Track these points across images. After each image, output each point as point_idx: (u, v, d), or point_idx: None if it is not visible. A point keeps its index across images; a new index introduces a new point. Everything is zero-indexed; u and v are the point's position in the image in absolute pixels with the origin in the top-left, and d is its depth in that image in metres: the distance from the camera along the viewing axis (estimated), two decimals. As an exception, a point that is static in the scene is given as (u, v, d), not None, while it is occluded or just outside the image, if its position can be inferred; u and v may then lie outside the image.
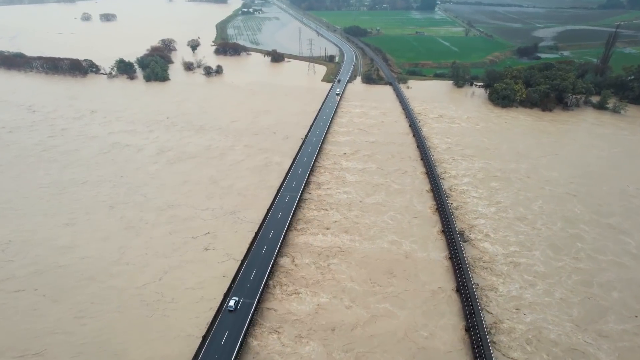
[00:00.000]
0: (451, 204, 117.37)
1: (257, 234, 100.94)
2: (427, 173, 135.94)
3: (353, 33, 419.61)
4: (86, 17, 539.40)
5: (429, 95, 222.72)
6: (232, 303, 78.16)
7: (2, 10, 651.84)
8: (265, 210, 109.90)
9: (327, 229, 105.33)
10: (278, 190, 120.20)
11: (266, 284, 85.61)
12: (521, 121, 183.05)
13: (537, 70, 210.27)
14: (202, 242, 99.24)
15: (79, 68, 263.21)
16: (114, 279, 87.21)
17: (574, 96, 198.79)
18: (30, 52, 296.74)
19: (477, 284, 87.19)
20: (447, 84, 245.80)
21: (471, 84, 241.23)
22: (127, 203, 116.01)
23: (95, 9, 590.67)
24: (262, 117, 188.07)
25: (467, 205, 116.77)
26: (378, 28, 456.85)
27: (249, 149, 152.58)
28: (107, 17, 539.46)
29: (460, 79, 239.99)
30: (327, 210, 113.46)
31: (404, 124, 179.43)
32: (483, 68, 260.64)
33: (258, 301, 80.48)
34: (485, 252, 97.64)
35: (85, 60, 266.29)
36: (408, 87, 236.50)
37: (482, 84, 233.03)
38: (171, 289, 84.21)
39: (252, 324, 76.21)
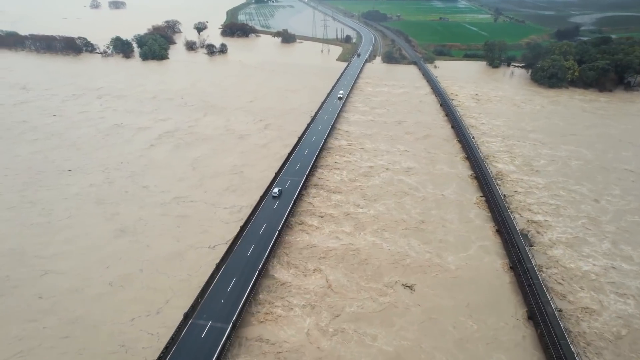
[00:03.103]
0: (505, 195, 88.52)
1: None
2: (467, 157, 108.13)
3: (372, 18, 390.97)
4: (95, 5, 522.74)
5: (461, 75, 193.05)
6: None
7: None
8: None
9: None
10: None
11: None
12: (588, 103, 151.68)
13: (592, 45, 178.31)
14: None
15: (73, 47, 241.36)
16: (87, 307, 59.08)
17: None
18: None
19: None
20: (480, 64, 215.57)
21: (508, 64, 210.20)
22: (124, 197, 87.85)
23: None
24: (288, 96, 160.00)
25: (571, 205, 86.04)
26: (398, 14, 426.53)
27: (278, 133, 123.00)
28: (116, 5, 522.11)
29: (496, 58, 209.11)
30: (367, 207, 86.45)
31: (435, 104, 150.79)
32: (520, 50, 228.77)
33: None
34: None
35: (80, 38, 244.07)
36: (435, 67, 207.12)
37: (521, 64, 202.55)
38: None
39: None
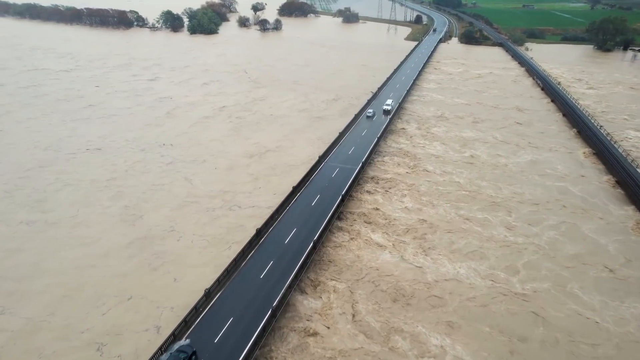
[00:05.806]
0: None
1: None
2: (595, 153, 74.85)
3: (445, 4, 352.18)
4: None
5: (563, 59, 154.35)
6: None
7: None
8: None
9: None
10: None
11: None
12: None
13: None
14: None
15: (124, 21, 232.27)
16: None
17: None
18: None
19: None
20: (585, 48, 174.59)
21: (625, 48, 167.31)
22: (155, 192, 60.44)
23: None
24: (360, 72, 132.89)
25: None
26: (474, 1, 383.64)
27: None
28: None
29: (609, 40, 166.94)
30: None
31: (533, 89, 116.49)
32: (636, 35, 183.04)
33: None
34: None
35: (131, 11, 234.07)
36: (527, 49, 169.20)
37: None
38: None
39: None
